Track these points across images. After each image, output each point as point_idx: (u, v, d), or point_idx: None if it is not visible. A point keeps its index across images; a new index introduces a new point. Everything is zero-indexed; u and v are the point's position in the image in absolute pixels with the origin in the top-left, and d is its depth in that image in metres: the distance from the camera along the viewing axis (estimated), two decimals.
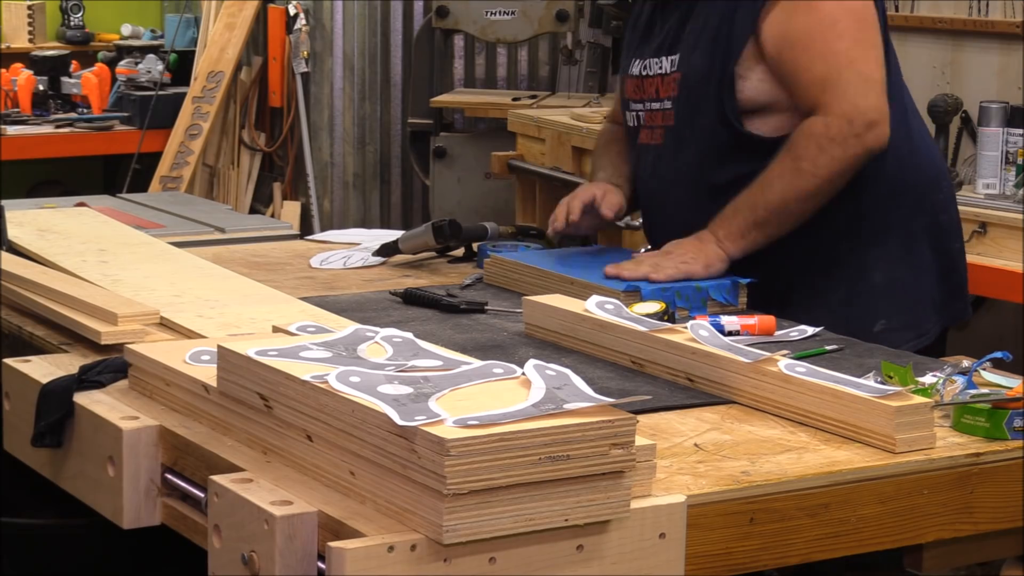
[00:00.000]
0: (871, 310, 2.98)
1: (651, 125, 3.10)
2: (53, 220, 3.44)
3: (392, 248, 3.33)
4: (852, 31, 2.90)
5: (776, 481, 2.05)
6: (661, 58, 3.06)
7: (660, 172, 3.09)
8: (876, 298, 3.00)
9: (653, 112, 3.09)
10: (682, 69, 3.01)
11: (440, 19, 6.54)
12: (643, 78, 3.11)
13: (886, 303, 3.00)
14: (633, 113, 3.16)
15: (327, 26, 7.14)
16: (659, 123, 3.07)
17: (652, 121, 3.09)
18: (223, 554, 1.92)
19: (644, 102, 3.12)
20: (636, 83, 3.14)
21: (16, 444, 2.43)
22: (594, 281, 2.88)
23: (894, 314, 2.99)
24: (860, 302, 2.99)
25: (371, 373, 1.96)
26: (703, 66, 2.97)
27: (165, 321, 2.62)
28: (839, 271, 3.00)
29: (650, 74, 3.09)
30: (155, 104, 7.10)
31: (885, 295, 3.00)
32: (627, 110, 3.18)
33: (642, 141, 3.13)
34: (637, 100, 3.14)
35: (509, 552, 1.82)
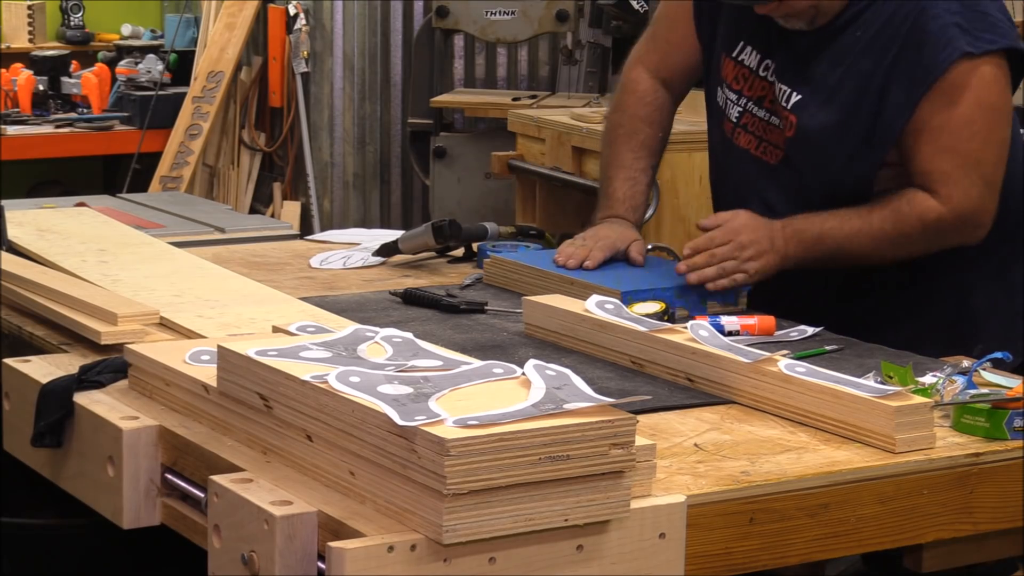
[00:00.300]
0: (971, 332, 2.96)
1: (756, 134, 2.99)
2: (53, 220, 3.44)
3: (392, 248, 3.33)
4: (985, 131, 2.84)
5: (776, 481, 2.05)
6: (785, 86, 2.93)
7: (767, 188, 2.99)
8: (976, 320, 2.99)
9: (761, 122, 2.98)
10: (801, 117, 2.90)
11: (440, 19, 6.54)
12: (756, 75, 2.99)
13: (985, 325, 3.00)
14: (725, 97, 3.04)
15: (327, 26, 7.14)
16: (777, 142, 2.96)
17: (759, 131, 2.99)
18: (223, 554, 1.92)
19: (746, 100, 3.00)
20: (742, 73, 3.00)
21: (16, 444, 2.43)
22: (594, 281, 2.88)
23: (992, 336, 2.93)
24: (961, 325, 2.98)
25: (371, 373, 1.96)
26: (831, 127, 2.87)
27: (165, 321, 2.62)
28: (939, 292, 2.98)
29: (768, 79, 2.96)
30: (155, 104, 7.10)
31: (984, 317, 3.00)
32: (719, 87, 3.05)
33: (734, 139, 3.03)
34: (735, 90, 3.02)
35: (509, 552, 1.82)
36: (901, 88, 2.82)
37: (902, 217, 2.85)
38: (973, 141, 2.83)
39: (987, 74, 2.81)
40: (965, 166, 2.83)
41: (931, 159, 2.83)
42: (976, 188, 2.84)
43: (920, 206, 2.84)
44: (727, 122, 3.05)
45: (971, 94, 2.81)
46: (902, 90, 2.82)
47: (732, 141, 3.05)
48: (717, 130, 3.10)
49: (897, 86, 2.83)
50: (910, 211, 2.84)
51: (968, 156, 2.83)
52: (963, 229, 2.87)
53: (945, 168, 2.83)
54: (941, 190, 2.83)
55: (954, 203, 2.83)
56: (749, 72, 3.00)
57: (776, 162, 2.97)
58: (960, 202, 2.83)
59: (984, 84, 2.81)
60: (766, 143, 2.99)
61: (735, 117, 3.03)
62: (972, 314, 3.00)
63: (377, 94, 7.26)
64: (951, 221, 2.84)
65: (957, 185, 2.83)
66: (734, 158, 3.05)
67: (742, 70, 3.02)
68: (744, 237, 2.89)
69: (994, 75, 2.83)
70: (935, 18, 2.81)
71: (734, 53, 3.02)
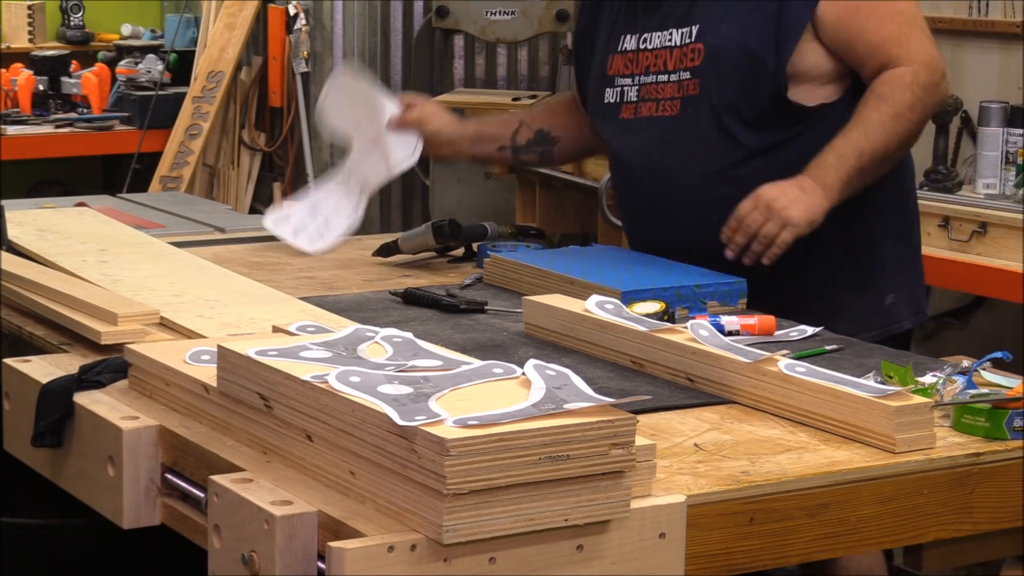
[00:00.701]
0: (881, 283, 3.07)
1: (656, 98, 3.09)
2: (53, 220, 3.44)
3: (392, 248, 3.33)
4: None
5: (776, 481, 2.05)
6: (669, 31, 3.06)
7: (677, 142, 3.06)
8: (885, 271, 3.08)
9: (657, 86, 3.09)
10: (706, 40, 3.01)
11: (440, 19, 6.54)
12: (639, 52, 3.12)
13: (893, 278, 3.09)
14: (618, 89, 3.16)
15: (327, 26, 7.14)
16: (672, 95, 3.06)
17: (657, 94, 3.09)
18: (223, 554, 1.92)
19: (638, 76, 3.12)
20: (628, 58, 3.14)
21: (16, 444, 2.43)
22: (594, 281, 2.88)
23: (899, 289, 3.09)
24: (871, 276, 3.06)
25: (371, 373, 1.96)
26: (736, 38, 2.97)
27: (165, 321, 2.62)
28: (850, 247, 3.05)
29: (650, 47, 3.09)
30: (155, 104, 7.10)
31: (892, 269, 3.09)
32: (609, 87, 3.17)
33: (637, 115, 3.13)
34: (627, 75, 3.14)
35: (509, 552, 1.82)
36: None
37: (887, 94, 2.93)
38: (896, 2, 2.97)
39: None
40: (908, 23, 2.97)
41: (878, 29, 2.95)
42: (927, 39, 2.98)
43: (895, 77, 2.94)
44: (626, 108, 3.15)
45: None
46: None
47: (635, 119, 3.13)
48: (615, 127, 3.18)
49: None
50: (891, 86, 2.93)
51: (905, 14, 2.98)
52: (936, 78, 2.97)
53: (893, 31, 2.95)
54: (899, 52, 2.95)
55: (916, 57, 2.95)
56: (633, 53, 3.13)
57: (678, 112, 3.06)
58: (919, 54, 2.95)
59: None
60: (663, 101, 3.08)
61: (635, 96, 3.13)
62: (882, 266, 3.08)
63: None
64: (925, 74, 2.94)
65: (909, 41, 2.96)
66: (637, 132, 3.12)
67: (625, 56, 3.14)
68: (767, 195, 2.89)
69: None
70: None
71: (618, 47, 3.16)
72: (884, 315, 2.98)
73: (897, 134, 2.93)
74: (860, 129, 2.91)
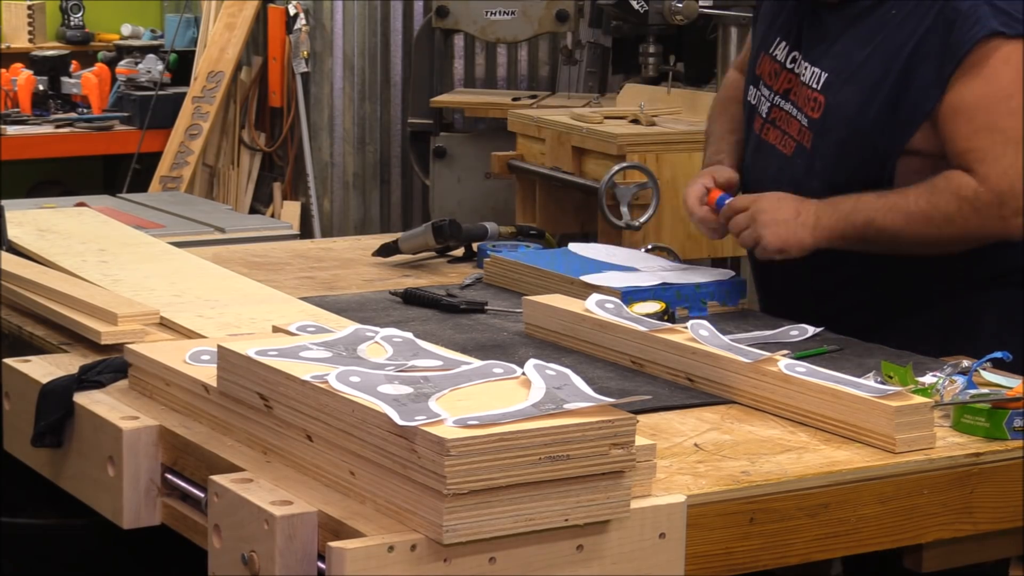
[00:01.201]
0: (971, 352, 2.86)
1: (781, 127, 2.98)
2: (53, 220, 3.44)
3: (392, 248, 3.33)
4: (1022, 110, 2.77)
5: (776, 481, 2.05)
6: (812, 67, 2.92)
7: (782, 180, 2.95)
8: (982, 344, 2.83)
9: (785, 116, 2.97)
10: (828, 95, 2.88)
11: (440, 19, 6.54)
12: (784, 68, 2.98)
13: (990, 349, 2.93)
14: (759, 94, 3.04)
15: (327, 26, 7.14)
16: (792, 133, 2.95)
17: (783, 125, 2.97)
18: (223, 554, 1.92)
19: (775, 94, 2.99)
20: (774, 68, 3.00)
21: (16, 444, 2.43)
22: (594, 282, 2.88)
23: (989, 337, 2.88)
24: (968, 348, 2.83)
25: (371, 373, 1.96)
26: (855, 104, 2.84)
27: (165, 321, 2.62)
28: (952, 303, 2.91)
29: (795, 71, 2.96)
30: (155, 104, 7.10)
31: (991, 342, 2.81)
32: (753, 85, 3.06)
33: (762, 135, 3.01)
34: (768, 86, 3.02)
35: (509, 552, 1.82)
36: (930, 65, 2.78)
37: (937, 192, 2.76)
38: (1012, 118, 2.76)
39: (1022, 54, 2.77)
40: (1004, 143, 2.75)
41: (968, 138, 2.76)
42: (1015, 168, 2.75)
43: (956, 181, 2.76)
44: (757, 119, 3.04)
45: (1008, 72, 2.76)
46: (931, 67, 2.78)
47: (761, 137, 3.03)
48: (749, 128, 3.08)
49: (926, 63, 2.79)
50: (946, 186, 2.76)
51: (1006, 133, 2.75)
52: (1003, 211, 2.75)
53: (983, 145, 2.75)
54: (979, 168, 2.75)
55: (992, 180, 2.74)
56: (779, 66, 3.00)
57: (791, 153, 2.95)
58: (998, 179, 2.74)
59: (1020, 63, 2.76)
60: (787, 136, 2.97)
61: (765, 112, 3.02)
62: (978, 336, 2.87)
63: (377, 94, 7.26)
64: (988, 198, 2.74)
65: (996, 162, 2.74)
66: (763, 155, 3.02)
67: (774, 65, 3.01)
68: (762, 205, 2.86)
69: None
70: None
71: (770, 49, 3.03)
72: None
73: (917, 233, 2.77)
74: (889, 204, 2.78)
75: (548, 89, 7.11)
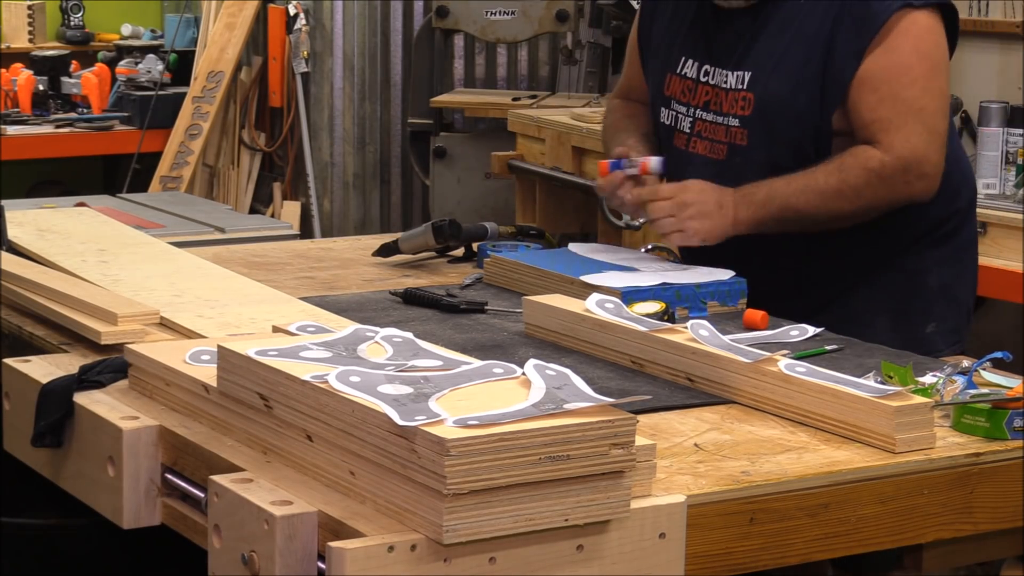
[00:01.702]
0: (923, 311, 3.03)
1: (708, 137, 3.04)
2: (53, 220, 3.44)
3: (392, 248, 3.33)
4: (923, 79, 2.88)
5: (776, 481, 2.05)
6: (726, 71, 3.00)
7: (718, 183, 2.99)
8: (928, 300, 3.03)
9: (711, 125, 3.03)
10: (756, 91, 2.95)
11: (440, 19, 6.54)
12: (699, 83, 3.05)
13: (936, 307, 3.04)
14: (674, 113, 3.10)
15: (327, 26, 7.14)
16: (721, 138, 3.01)
17: (710, 134, 3.03)
18: (223, 554, 1.92)
19: (695, 108, 3.06)
20: (687, 85, 3.07)
21: (16, 444, 2.43)
22: (594, 281, 2.88)
23: (942, 318, 3.04)
24: (914, 302, 3.02)
25: (371, 373, 1.96)
26: (786, 92, 2.92)
27: (165, 321, 2.62)
28: (897, 268, 3.01)
29: (710, 83, 3.02)
30: (155, 104, 7.10)
31: (935, 298, 3.04)
32: (664, 107, 3.12)
33: (690, 149, 3.07)
34: (684, 103, 3.08)
35: (509, 552, 1.82)
36: (848, 40, 2.88)
37: (845, 168, 2.87)
38: (912, 88, 2.87)
39: (923, 23, 2.88)
40: (905, 113, 2.86)
41: (872, 108, 2.87)
42: (917, 135, 2.86)
43: (862, 155, 2.87)
44: (679, 136, 3.10)
45: (909, 42, 2.87)
46: (849, 41, 2.88)
47: (688, 152, 3.08)
48: (669, 148, 3.14)
49: (843, 39, 2.88)
50: (853, 161, 2.87)
51: (908, 103, 2.87)
52: (908, 177, 2.87)
53: (885, 115, 2.86)
54: (883, 138, 2.86)
55: (896, 149, 2.86)
56: (692, 82, 3.07)
57: (724, 156, 3.02)
58: (901, 148, 2.86)
59: (921, 32, 2.88)
60: (716, 143, 3.04)
61: (688, 128, 3.08)
62: (925, 293, 3.03)
63: (377, 94, 7.26)
64: (893, 166, 2.85)
65: (898, 132, 2.86)
66: (692, 167, 3.07)
67: (686, 82, 3.08)
68: (688, 196, 2.93)
69: (930, 25, 2.89)
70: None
71: (678, 69, 3.09)
72: (922, 344, 2.89)
73: (831, 209, 2.88)
74: (800, 185, 2.88)
75: (548, 89, 7.11)
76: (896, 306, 3.01)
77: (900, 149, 2.86)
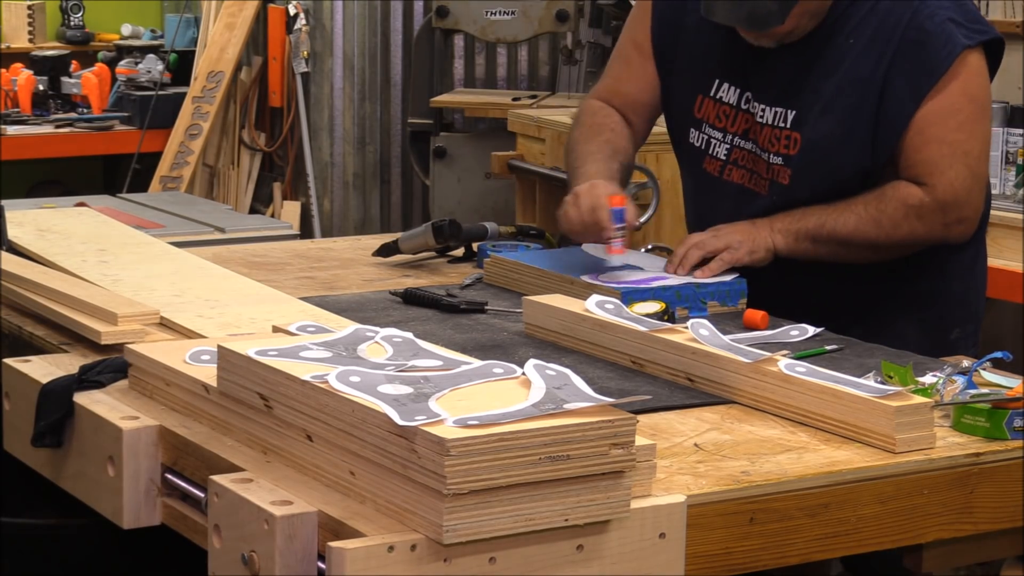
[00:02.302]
0: (948, 316, 3.03)
1: (747, 167, 3.01)
2: (53, 220, 3.44)
3: (392, 248, 3.33)
4: (971, 122, 2.88)
5: (776, 481, 2.05)
6: (763, 105, 2.96)
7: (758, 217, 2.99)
8: (951, 305, 3.04)
9: (750, 155, 3.00)
10: (803, 132, 2.91)
11: (440, 19, 6.54)
12: (738, 111, 3.00)
13: (960, 313, 3.05)
14: (706, 137, 3.06)
15: (327, 26, 7.14)
16: (763, 173, 2.98)
17: (748, 163, 3.00)
18: (223, 554, 1.92)
19: (732, 135, 3.02)
20: (723, 110, 3.02)
21: (16, 444, 2.43)
22: (594, 281, 2.88)
23: (964, 323, 3.05)
24: (938, 307, 3.02)
25: (371, 373, 1.96)
26: (837, 135, 2.90)
27: (165, 321, 2.62)
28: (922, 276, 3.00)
29: (752, 113, 2.98)
30: (155, 104, 7.10)
31: (959, 303, 3.05)
32: (695, 128, 3.07)
33: (725, 177, 3.04)
34: (720, 128, 3.04)
35: (509, 552, 1.82)
36: (905, 85, 2.85)
37: (885, 199, 2.88)
38: (960, 131, 2.87)
39: (973, 65, 2.88)
40: (951, 155, 2.86)
41: (918, 150, 2.87)
42: (961, 178, 2.87)
43: (903, 191, 2.88)
44: (712, 161, 3.07)
45: (959, 84, 2.87)
46: (906, 87, 2.85)
47: (722, 179, 3.06)
48: (697, 170, 3.11)
49: (900, 84, 2.86)
50: (894, 194, 2.88)
51: (953, 146, 2.87)
52: (946, 219, 2.88)
53: (931, 157, 2.86)
54: (927, 179, 2.87)
55: (938, 191, 2.86)
56: (731, 108, 3.03)
57: (767, 192, 2.99)
58: (944, 190, 2.86)
59: (971, 75, 2.88)
60: (756, 175, 3.01)
61: (724, 155, 3.05)
62: (949, 299, 3.04)
63: (377, 94, 7.26)
64: (932, 207, 2.86)
65: (943, 174, 2.86)
66: (726, 195, 3.05)
67: (722, 107, 3.04)
68: (723, 231, 2.95)
69: (979, 66, 2.90)
70: (931, 16, 2.86)
71: (712, 92, 3.05)
72: (947, 350, 2.87)
73: (866, 236, 2.88)
74: (839, 210, 2.89)
75: (548, 89, 7.11)
76: (922, 314, 3.00)
77: (943, 192, 2.86)
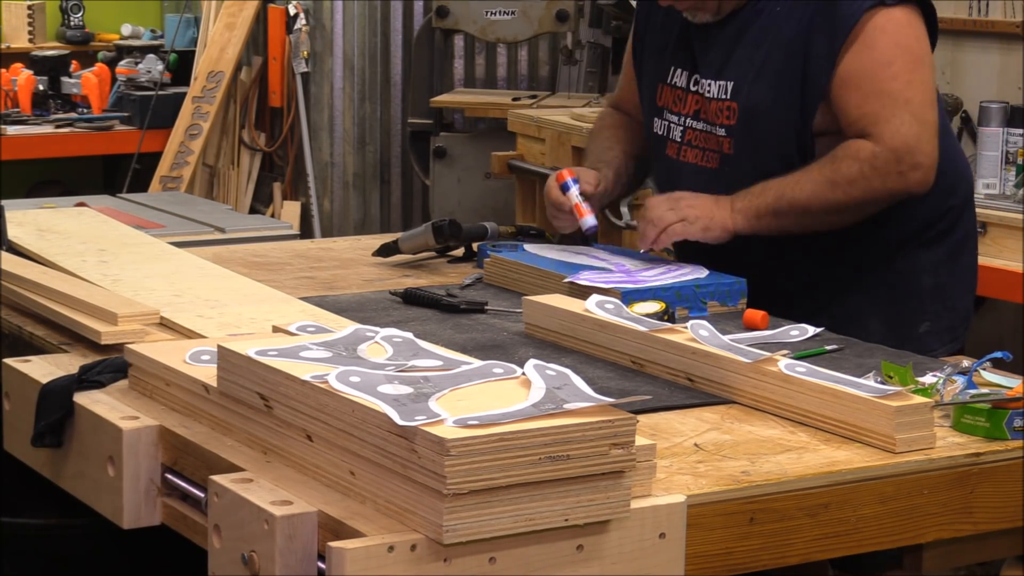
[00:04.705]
0: (917, 310, 3.04)
1: (699, 146, 3.06)
2: (53, 220, 3.44)
3: (392, 248, 3.33)
4: (907, 72, 2.90)
5: (776, 481, 2.05)
6: (709, 81, 3.02)
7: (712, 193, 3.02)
8: (922, 299, 3.05)
9: (700, 133, 3.05)
10: (739, 100, 2.97)
11: (440, 19, 6.54)
12: (688, 92, 3.07)
13: (931, 305, 3.06)
14: (666, 123, 3.13)
15: (327, 26, 7.14)
16: (712, 147, 3.04)
17: (701, 142, 3.06)
18: (223, 554, 1.92)
19: (685, 117, 3.08)
20: (677, 94, 3.10)
21: (16, 444, 2.43)
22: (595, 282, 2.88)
23: (936, 317, 3.06)
24: (909, 301, 3.04)
25: (371, 373, 1.96)
26: (768, 100, 2.94)
27: (165, 321, 2.62)
28: (890, 269, 3.03)
29: (698, 92, 3.05)
30: (155, 104, 7.10)
31: (931, 298, 3.05)
32: (657, 117, 3.14)
33: (681, 158, 3.10)
34: (675, 112, 3.10)
35: (509, 552, 1.82)
36: (821, 43, 2.91)
37: (837, 159, 2.89)
38: (896, 81, 2.90)
39: (901, 18, 2.91)
40: (892, 105, 2.88)
41: (859, 105, 2.89)
42: (907, 125, 2.88)
43: (853, 147, 2.89)
44: (671, 145, 3.12)
45: (887, 37, 2.90)
46: (823, 44, 2.91)
47: (679, 160, 3.11)
48: (661, 157, 3.16)
49: (817, 42, 2.91)
50: (844, 153, 2.90)
51: (893, 95, 2.89)
52: (901, 167, 2.88)
53: (873, 109, 2.89)
54: (873, 130, 2.88)
55: (886, 140, 2.87)
56: (682, 91, 3.09)
57: (717, 165, 3.04)
58: (892, 137, 2.87)
59: (899, 27, 2.91)
60: (707, 152, 3.06)
61: (679, 137, 3.10)
62: (919, 293, 3.05)
63: (377, 94, 7.26)
64: (885, 157, 2.87)
65: (887, 123, 2.88)
66: (684, 176, 3.09)
67: (676, 91, 3.11)
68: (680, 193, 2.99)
69: (907, 19, 2.92)
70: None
71: (668, 79, 3.12)
72: (916, 344, 2.89)
73: (825, 199, 2.89)
74: (795, 179, 2.91)
75: (548, 89, 7.11)
76: (889, 307, 3.03)
77: (890, 140, 2.87)
